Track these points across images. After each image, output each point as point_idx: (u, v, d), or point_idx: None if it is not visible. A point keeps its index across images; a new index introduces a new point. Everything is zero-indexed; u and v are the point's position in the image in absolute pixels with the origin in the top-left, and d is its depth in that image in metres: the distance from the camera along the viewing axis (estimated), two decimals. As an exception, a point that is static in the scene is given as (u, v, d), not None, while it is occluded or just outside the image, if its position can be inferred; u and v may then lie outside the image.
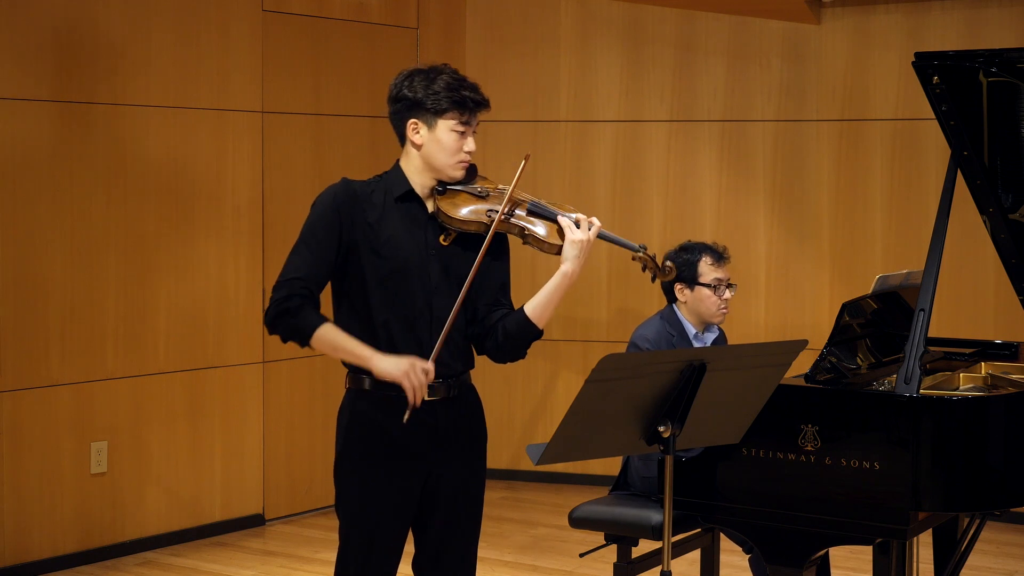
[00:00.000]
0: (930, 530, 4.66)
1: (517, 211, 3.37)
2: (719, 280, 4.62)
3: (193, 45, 6.15)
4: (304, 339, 3.30)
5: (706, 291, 4.61)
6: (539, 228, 3.36)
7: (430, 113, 3.34)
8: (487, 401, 3.54)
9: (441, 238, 3.38)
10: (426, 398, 3.31)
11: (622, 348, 4.74)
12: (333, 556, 3.43)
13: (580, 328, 7.30)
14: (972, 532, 4.64)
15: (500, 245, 3.45)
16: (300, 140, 6.61)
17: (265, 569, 5.82)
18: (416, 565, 3.49)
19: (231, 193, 6.31)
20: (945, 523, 4.67)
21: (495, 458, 7.18)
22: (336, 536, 3.46)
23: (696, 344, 4.64)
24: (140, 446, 6.01)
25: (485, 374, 7.38)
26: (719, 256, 4.67)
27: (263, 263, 6.40)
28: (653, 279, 3.49)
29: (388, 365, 3.25)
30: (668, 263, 3.46)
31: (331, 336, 3.30)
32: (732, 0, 6.92)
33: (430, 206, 3.40)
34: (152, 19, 5.99)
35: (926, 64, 4.11)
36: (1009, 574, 5.82)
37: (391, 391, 3.30)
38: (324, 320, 3.31)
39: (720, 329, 4.77)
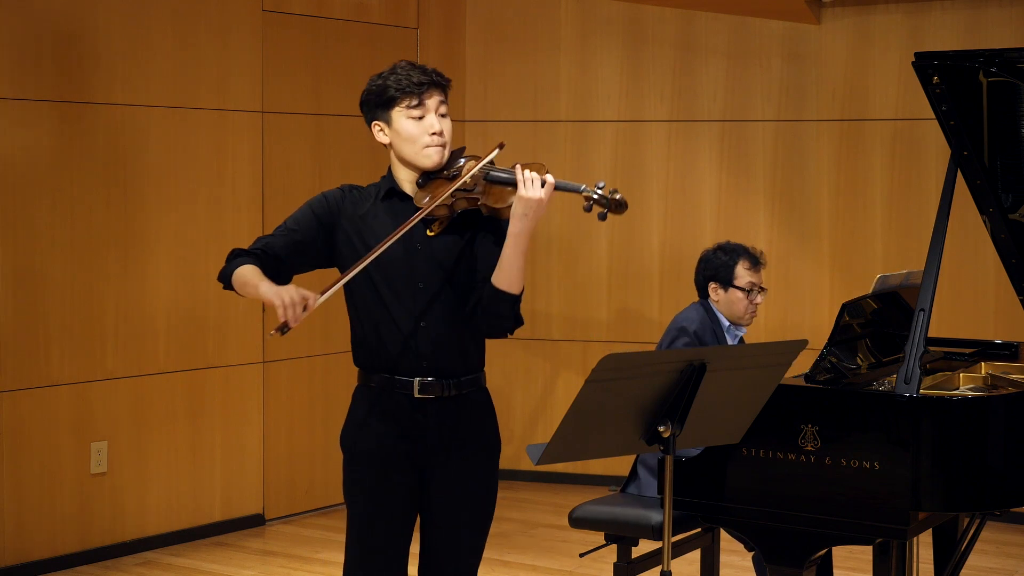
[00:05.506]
0: (930, 530, 4.66)
1: (474, 186, 3.29)
2: (753, 284, 4.79)
3: (193, 45, 6.15)
4: (227, 280, 3.28)
5: (739, 294, 4.78)
6: (492, 195, 3.28)
7: (383, 109, 3.32)
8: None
9: (428, 230, 3.33)
10: (416, 395, 3.29)
11: (622, 348, 4.75)
12: (333, 556, 3.44)
13: (580, 328, 7.30)
14: (972, 532, 4.64)
15: (491, 227, 3.36)
16: (300, 140, 6.61)
17: (265, 569, 5.82)
18: (420, 566, 3.47)
19: (231, 193, 6.31)
20: (945, 523, 4.67)
21: (495, 458, 7.18)
22: (335, 536, 3.47)
23: (729, 336, 4.81)
24: (140, 446, 6.01)
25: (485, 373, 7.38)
26: (756, 261, 4.84)
27: (263, 263, 6.40)
28: (603, 216, 3.24)
29: (266, 290, 3.18)
30: (619, 195, 3.22)
31: (241, 273, 3.25)
32: (732, 0, 6.92)
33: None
34: (152, 19, 5.99)
35: (926, 64, 4.11)
36: (1009, 574, 5.81)
37: (394, 385, 3.29)
38: (248, 262, 3.26)
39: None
